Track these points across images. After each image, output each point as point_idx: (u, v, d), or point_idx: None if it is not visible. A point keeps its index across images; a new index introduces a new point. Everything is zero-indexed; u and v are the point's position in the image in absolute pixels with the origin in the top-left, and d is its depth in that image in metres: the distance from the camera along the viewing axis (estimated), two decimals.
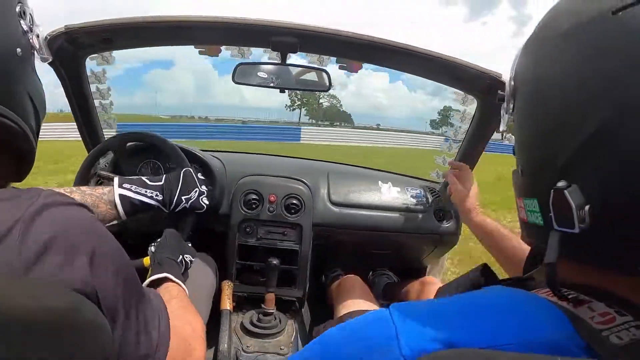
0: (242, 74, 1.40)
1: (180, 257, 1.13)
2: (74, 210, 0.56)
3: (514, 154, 0.56)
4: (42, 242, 0.47)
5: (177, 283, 0.98)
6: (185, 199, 1.21)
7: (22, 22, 0.64)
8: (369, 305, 1.44)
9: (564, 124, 0.43)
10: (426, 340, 0.42)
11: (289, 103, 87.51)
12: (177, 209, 1.21)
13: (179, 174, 1.24)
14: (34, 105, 0.66)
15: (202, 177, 1.30)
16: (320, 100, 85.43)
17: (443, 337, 0.42)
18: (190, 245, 1.24)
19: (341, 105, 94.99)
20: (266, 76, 1.39)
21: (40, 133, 0.71)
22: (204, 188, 1.27)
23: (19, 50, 0.62)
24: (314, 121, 79.99)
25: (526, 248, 0.92)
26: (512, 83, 0.54)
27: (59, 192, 0.56)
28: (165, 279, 0.98)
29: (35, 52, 0.69)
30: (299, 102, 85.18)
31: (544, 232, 0.47)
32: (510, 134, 0.63)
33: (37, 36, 0.69)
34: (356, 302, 1.44)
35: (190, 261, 1.17)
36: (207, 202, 1.28)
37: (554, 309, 0.43)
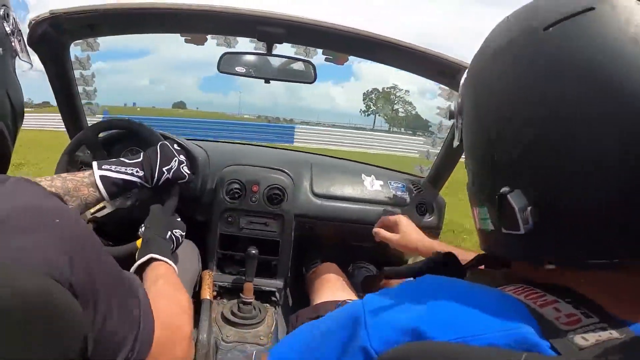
0: (228, 63, 1.40)
1: (169, 233, 1.12)
2: (44, 198, 0.55)
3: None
4: (11, 225, 0.47)
5: (164, 261, 0.97)
6: (166, 169, 1.20)
7: (5, 24, 0.64)
8: (344, 294, 1.44)
9: (503, 135, 0.46)
10: (394, 331, 0.43)
11: (363, 108, 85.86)
12: (160, 182, 1.20)
13: (155, 147, 1.23)
14: (12, 106, 0.66)
15: (179, 148, 1.28)
16: (395, 106, 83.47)
17: (411, 328, 0.42)
18: (179, 219, 1.23)
19: (416, 111, 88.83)
20: (251, 66, 1.40)
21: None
22: (182, 157, 1.26)
23: (0, 49, 0.61)
24: (394, 129, 75.57)
25: None
26: (459, 99, 0.56)
27: (27, 178, 0.56)
28: (152, 259, 0.96)
29: (18, 56, 0.69)
30: (374, 108, 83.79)
31: (495, 236, 0.50)
32: None
33: (20, 41, 0.69)
34: (331, 291, 1.45)
35: (181, 235, 1.17)
36: (188, 171, 1.27)
37: (521, 306, 0.43)
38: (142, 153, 1.22)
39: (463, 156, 0.61)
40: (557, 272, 0.46)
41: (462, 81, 0.56)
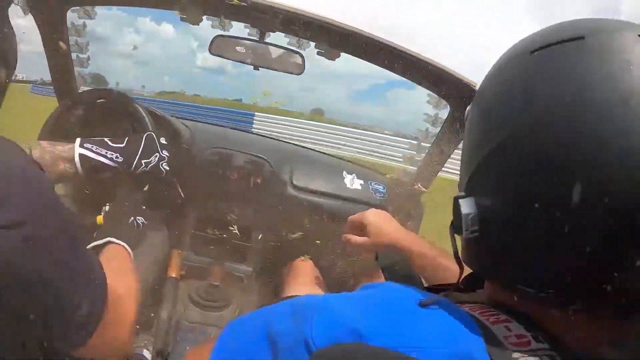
0: (219, 46, 1.39)
1: (132, 218, 1.13)
2: (11, 153, 0.56)
3: None
4: None
5: (121, 245, 0.98)
6: (145, 162, 1.20)
7: None
8: (313, 291, 1.44)
9: (475, 142, 0.48)
10: (337, 329, 0.43)
11: None
12: (137, 172, 1.21)
13: (140, 137, 1.23)
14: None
15: (165, 142, 1.29)
16: None
17: (354, 329, 0.42)
18: (144, 208, 1.24)
19: None
20: (242, 51, 1.39)
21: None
22: (165, 153, 1.26)
23: None
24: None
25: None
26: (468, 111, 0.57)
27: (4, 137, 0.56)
28: (109, 242, 0.97)
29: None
30: None
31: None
32: None
33: None
34: (301, 287, 1.45)
35: (143, 224, 1.17)
36: (167, 168, 1.26)
37: (470, 321, 0.43)
38: (126, 139, 1.22)
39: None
40: (520, 300, 0.45)
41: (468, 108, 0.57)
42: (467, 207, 0.45)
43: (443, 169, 1.67)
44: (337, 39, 1.33)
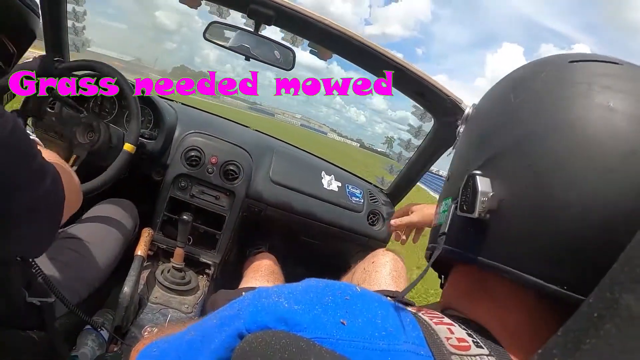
0: (213, 33, 1.40)
1: None
2: None
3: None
4: None
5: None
6: None
7: None
8: (270, 284, 1.45)
9: (495, 128, 0.49)
10: (268, 316, 0.42)
11: None
12: None
13: None
14: None
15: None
16: None
17: (286, 318, 0.42)
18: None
19: None
20: (235, 40, 1.40)
21: None
22: None
23: None
24: None
25: None
26: (471, 111, 0.58)
27: None
28: None
29: None
30: None
31: (439, 230, 0.52)
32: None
33: None
34: (256, 280, 1.46)
35: None
36: None
37: (412, 319, 0.43)
38: None
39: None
40: (464, 300, 0.47)
41: (469, 110, 0.59)
42: (484, 185, 0.45)
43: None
44: (329, 39, 1.34)
